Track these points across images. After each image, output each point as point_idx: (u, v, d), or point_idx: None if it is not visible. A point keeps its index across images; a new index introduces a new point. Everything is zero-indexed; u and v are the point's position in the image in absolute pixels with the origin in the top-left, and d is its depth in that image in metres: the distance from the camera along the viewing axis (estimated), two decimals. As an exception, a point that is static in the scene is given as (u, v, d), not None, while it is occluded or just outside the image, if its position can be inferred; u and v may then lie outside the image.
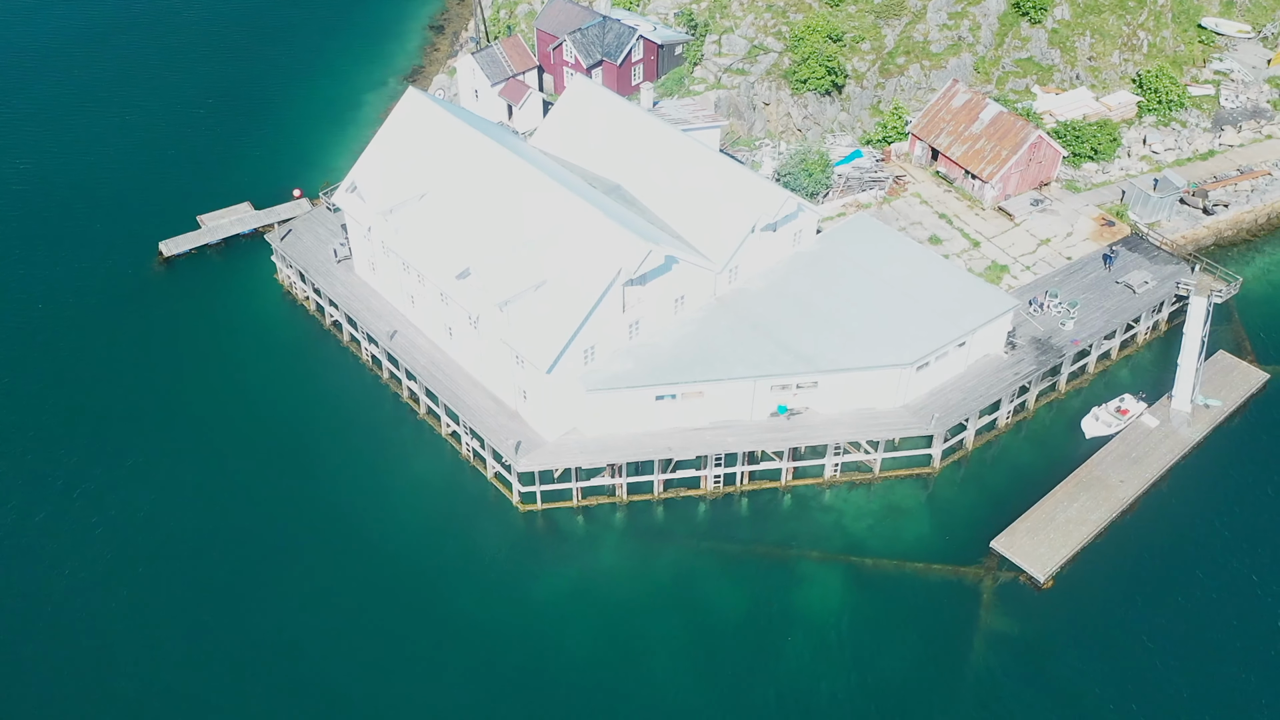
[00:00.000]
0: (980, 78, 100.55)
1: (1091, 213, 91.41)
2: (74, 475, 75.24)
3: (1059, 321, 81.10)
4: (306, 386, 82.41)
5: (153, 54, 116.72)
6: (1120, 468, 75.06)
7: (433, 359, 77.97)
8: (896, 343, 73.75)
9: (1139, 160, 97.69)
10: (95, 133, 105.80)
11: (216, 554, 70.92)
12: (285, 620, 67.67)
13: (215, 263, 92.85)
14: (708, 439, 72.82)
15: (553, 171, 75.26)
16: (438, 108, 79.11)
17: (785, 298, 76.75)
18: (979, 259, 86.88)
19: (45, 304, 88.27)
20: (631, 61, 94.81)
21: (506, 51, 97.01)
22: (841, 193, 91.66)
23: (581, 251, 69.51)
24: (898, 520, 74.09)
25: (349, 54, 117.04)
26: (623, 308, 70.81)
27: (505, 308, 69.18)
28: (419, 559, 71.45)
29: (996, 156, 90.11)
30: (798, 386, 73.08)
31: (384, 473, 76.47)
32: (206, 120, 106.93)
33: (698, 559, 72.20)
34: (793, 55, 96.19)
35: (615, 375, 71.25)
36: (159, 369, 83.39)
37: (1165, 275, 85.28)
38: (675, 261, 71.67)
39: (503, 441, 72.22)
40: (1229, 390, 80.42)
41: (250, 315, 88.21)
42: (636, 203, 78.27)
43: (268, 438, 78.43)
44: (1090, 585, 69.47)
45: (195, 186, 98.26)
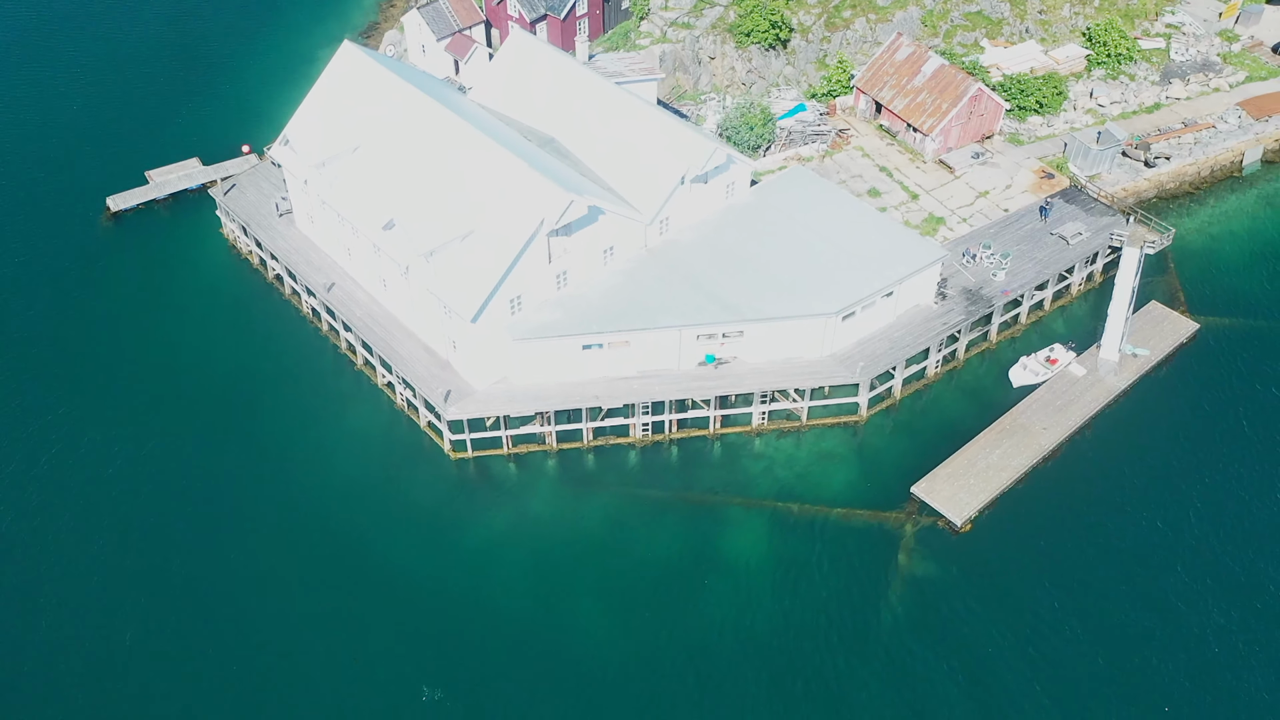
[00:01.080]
0: (928, 31, 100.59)
1: (1032, 165, 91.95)
2: (15, 424, 76.50)
3: (990, 272, 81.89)
4: (249, 339, 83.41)
5: (103, 9, 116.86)
6: (1044, 415, 76.14)
7: (369, 310, 78.99)
8: (823, 293, 74.64)
9: (1084, 114, 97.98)
10: (43, 88, 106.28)
11: (157, 503, 72.21)
12: (222, 567, 69.07)
13: (162, 218, 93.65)
14: (635, 388, 73.94)
15: (482, 124, 75.87)
16: (372, 62, 79.62)
17: (715, 249, 77.55)
18: (916, 211, 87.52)
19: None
20: (576, 15, 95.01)
21: (453, 6, 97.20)
22: (784, 146, 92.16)
23: (506, 202, 70.31)
24: (824, 467, 75.30)
25: (305, 10, 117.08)
26: (549, 258, 71.68)
27: (431, 258, 70.08)
28: (354, 506, 72.71)
29: (937, 109, 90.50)
30: (724, 336, 74.07)
31: (322, 422, 77.68)
32: (157, 76, 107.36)
33: (627, 505, 73.46)
34: (738, 9, 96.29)
35: (542, 325, 72.26)
36: (104, 322, 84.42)
37: (1100, 227, 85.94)
38: (601, 212, 72.45)
39: (433, 391, 73.38)
40: (1158, 340, 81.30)
41: (195, 269, 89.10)
42: (570, 155, 78.89)
43: (210, 390, 79.57)
44: (1006, 529, 70.78)
45: (144, 143, 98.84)
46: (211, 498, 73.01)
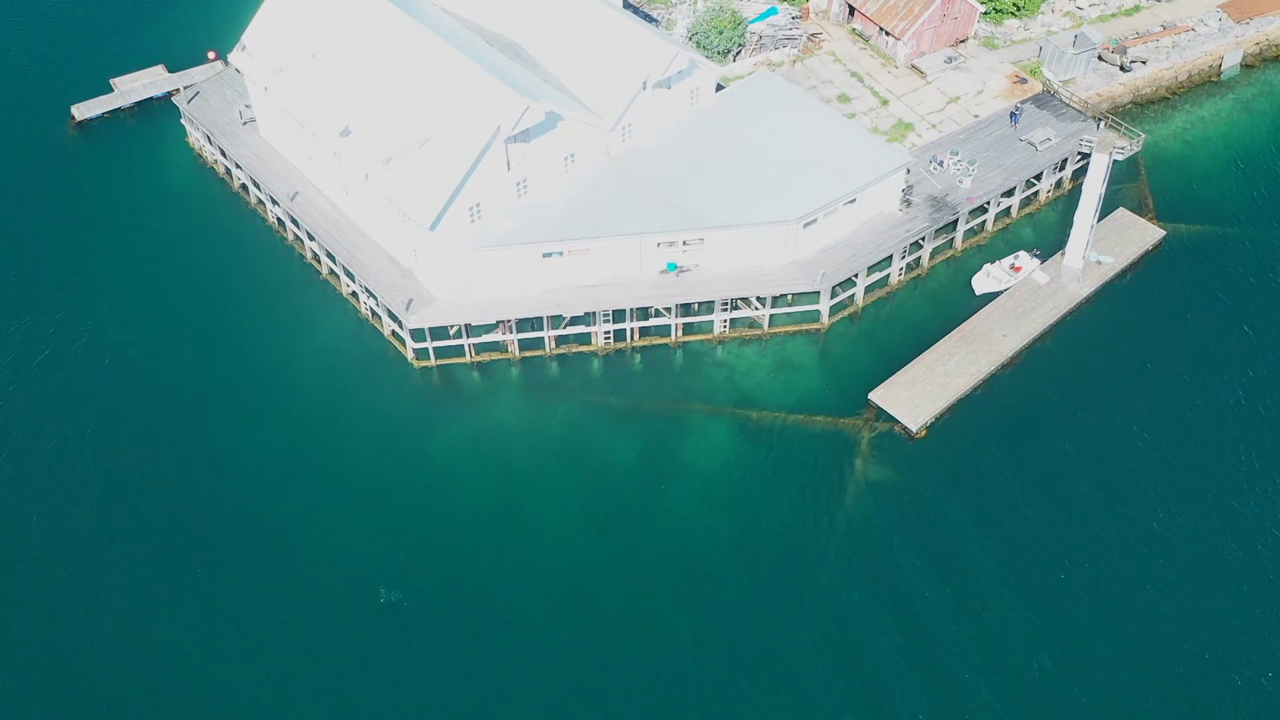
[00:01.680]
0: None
1: (1006, 70, 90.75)
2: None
3: (957, 179, 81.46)
4: (215, 248, 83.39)
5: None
6: (1005, 322, 76.47)
7: (332, 219, 78.87)
8: (784, 200, 74.37)
9: (1062, 17, 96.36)
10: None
11: (128, 414, 72.85)
12: (186, 469, 70.20)
13: (128, 126, 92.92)
14: (596, 296, 74.19)
15: (442, 29, 74.81)
16: (330, -36, 78.18)
17: (678, 156, 77.09)
18: (886, 117, 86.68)
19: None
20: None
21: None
22: (754, 51, 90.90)
23: (463, 108, 69.74)
24: (786, 375, 75.91)
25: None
26: (507, 166, 71.34)
27: (389, 165, 69.79)
28: (318, 413, 73.50)
29: (909, 13, 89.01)
30: (684, 244, 74.07)
31: (288, 331, 78.14)
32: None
33: (590, 413, 74.27)
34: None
35: (502, 233, 72.24)
36: (69, 232, 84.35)
37: (1070, 133, 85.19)
38: (560, 119, 71.85)
39: (395, 299, 73.67)
40: (1124, 246, 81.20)
41: (162, 178, 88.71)
42: (533, 61, 77.94)
43: (175, 298, 79.86)
44: (961, 435, 71.66)
45: (109, 50, 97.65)
46: (177, 403, 73.85)
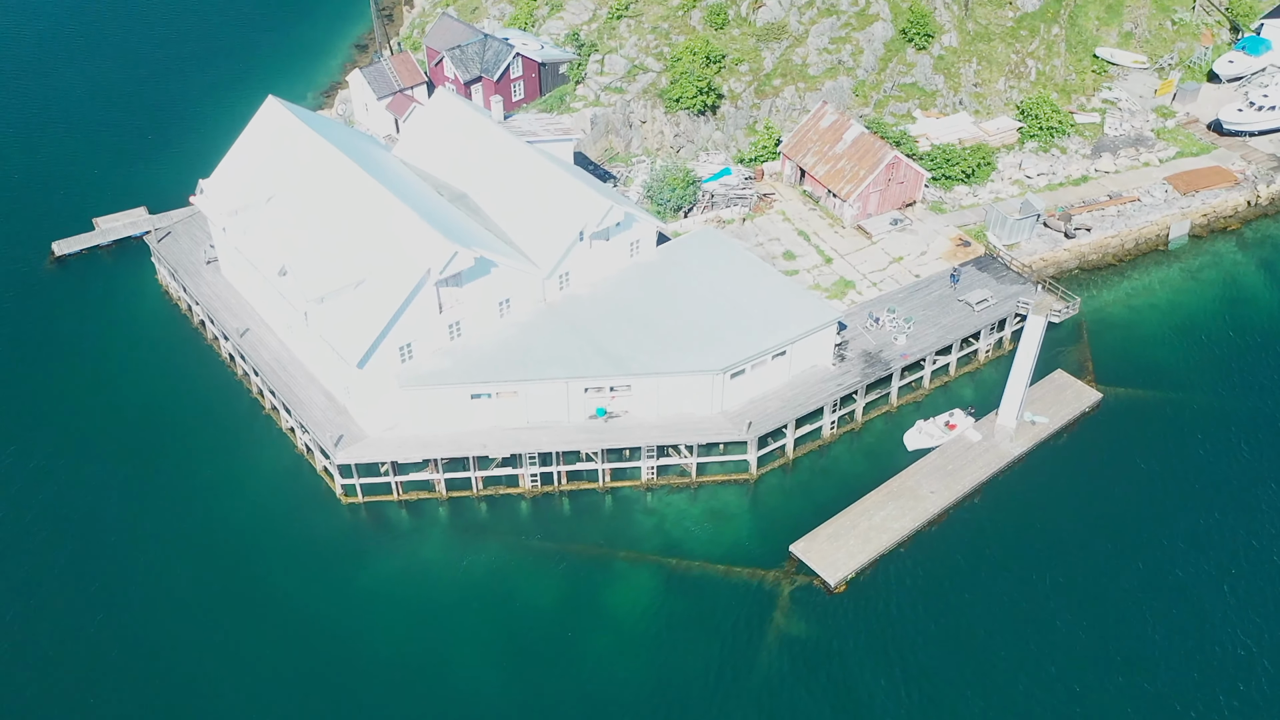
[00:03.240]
0: (859, 101, 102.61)
1: (951, 233, 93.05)
2: None
3: (892, 336, 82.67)
4: (170, 380, 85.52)
5: (65, 59, 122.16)
6: (934, 479, 76.28)
7: (277, 355, 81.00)
8: (712, 350, 75.71)
9: (1011, 184, 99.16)
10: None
11: (63, 529, 73.87)
12: (119, 591, 70.67)
13: (105, 263, 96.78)
14: (524, 438, 75.07)
15: (387, 177, 78.33)
16: (292, 116, 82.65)
17: (613, 305, 79.06)
18: (828, 274, 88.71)
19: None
20: (510, 78, 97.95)
21: (396, 67, 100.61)
22: (706, 208, 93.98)
23: (397, 251, 72.38)
24: (713, 524, 75.67)
25: (273, 70, 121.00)
26: (439, 308, 73.47)
27: (322, 303, 72.11)
28: (248, 545, 73.91)
29: (855, 175, 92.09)
30: (611, 389, 75.24)
31: (228, 463, 79.27)
32: (115, 126, 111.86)
33: (515, 555, 74.07)
34: (669, 75, 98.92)
35: (431, 373, 73.83)
36: (38, 359, 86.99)
37: (1009, 294, 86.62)
38: (493, 265, 74.31)
39: (326, 435, 74.92)
40: (1059, 408, 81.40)
41: (128, 313, 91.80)
42: (479, 211, 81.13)
43: (126, 430, 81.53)
44: (881, 591, 70.67)
45: (96, 190, 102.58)
46: (117, 527, 74.74)
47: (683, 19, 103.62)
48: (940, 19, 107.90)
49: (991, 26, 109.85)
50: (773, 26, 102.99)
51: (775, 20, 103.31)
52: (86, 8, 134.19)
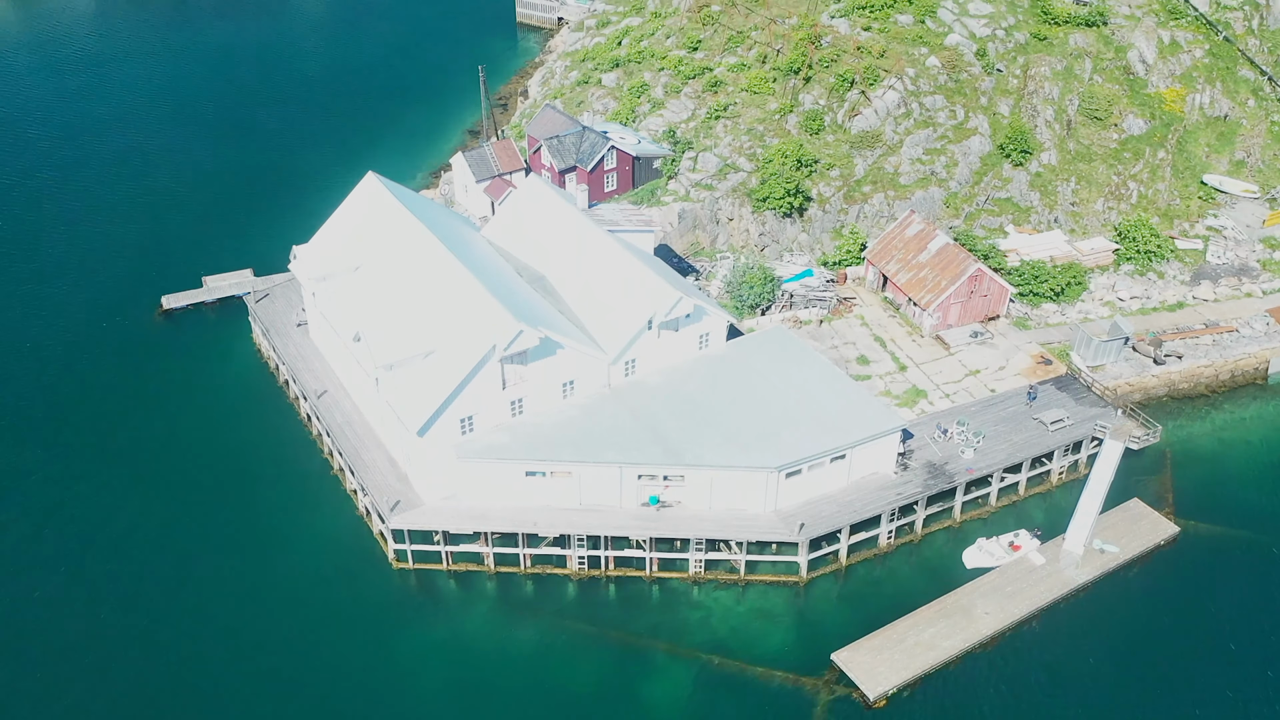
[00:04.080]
0: (950, 212, 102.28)
1: (1033, 350, 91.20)
2: (48, 486, 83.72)
3: (960, 449, 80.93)
4: (248, 434, 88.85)
5: (200, 132, 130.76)
6: (990, 600, 73.71)
7: (349, 418, 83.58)
8: (770, 447, 75.27)
9: (1102, 305, 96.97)
10: (129, 193, 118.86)
11: (139, 585, 76.54)
12: (174, 631, 73.32)
13: (208, 319, 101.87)
14: (574, 520, 75.45)
15: (468, 255, 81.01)
16: (387, 192, 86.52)
17: (676, 395, 79.50)
18: (901, 382, 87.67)
19: (59, 335, 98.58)
20: (604, 169, 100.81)
21: (496, 152, 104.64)
22: (784, 307, 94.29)
23: (466, 326, 74.48)
24: (756, 624, 74.42)
25: (391, 149, 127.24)
26: (503, 384, 75.05)
27: (391, 371, 74.43)
28: (297, 600, 75.72)
29: (937, 285, 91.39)
30: (665, 478, 75.28)
31: (290, 518, 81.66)
32: (239, 191, 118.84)
33: (557, 637, 73.99)
34: (759, 175, 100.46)
35: (489, 446, 75.13)
36: (133, 403, 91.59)
37: (1087, 416, 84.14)
38: (559, 346, 75.74)
39: (383, 499, 76.63)
40: (1132, 538, 78.16)
41: (222, 367, 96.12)
42: (555, 293, 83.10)
43: (202, 475, 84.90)
44: (921, 711, 68.14)
45: (209, 250, 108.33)
46: (177, 565, 77.79)
47: (779, 122, 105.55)
48: (1040, 137, 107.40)
49: (1094, 147, 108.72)
50: (867, 135, 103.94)
51: (871, 129, 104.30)
52: (222, 88, 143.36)
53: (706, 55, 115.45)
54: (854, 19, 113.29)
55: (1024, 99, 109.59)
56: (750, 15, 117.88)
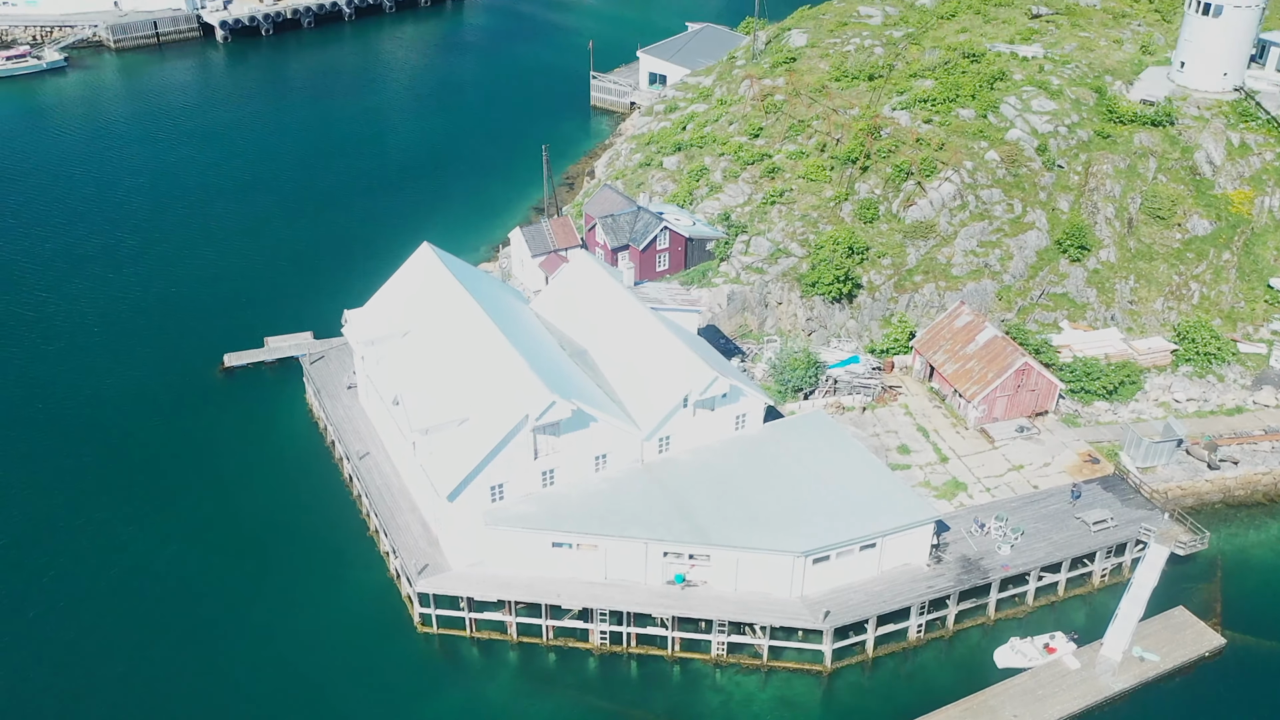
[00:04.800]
0: (1002, 305, 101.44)
1: (1081, 448, 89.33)
2: (104, 529, 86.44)
3: (997, 544, 79.22)
4: (292, 491, 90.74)
5: (279, 198, 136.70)
6: (1019, 703, 71.39)
7: (388, 481, 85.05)
8: (798, 532, 74.62)
9: (1156, 406, 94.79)
10: (205, 256, 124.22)
11: (170, 631, 78.16)
12: (200, 681, 74.30)
13: (266, 377, 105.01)
14: (597, 593, 75.33)
15: (511, 325, 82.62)
16: (438, 261, 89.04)
17: (708, 474, 79.45)
18: (941, 473, 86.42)
19: (128, 384, 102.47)
20: (656, 249, 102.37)
21: (553, 229, 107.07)
22: (827, 393, 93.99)
23: (502, 394, 75.72)
24: (777, 713, 73.01)
25: (458, 221, 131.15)
26: (535, 453, 75.85)
27: (426, 435, 75.82)
28: (321, 657, 76.34)
29: (983, 377, 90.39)
30: (691, 557, 74.93)
31: (323, 576, 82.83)
32: (307, 257, 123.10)
33: (575, 713, 73.38)
34: (810, 260, 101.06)
35: (517, 515, 75.72)
36: (187, 454, 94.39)
37: (1133, 518, 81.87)
38: (592, 420, 76.46)
39: (412, 561, 77.49)
40: (1174, 648, 75.29)
41: (274, 425, 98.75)
42: (595, 367, 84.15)
43: (243, 528, 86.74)
44: (939, 813, 65.94)
45: (273, 311, 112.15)
46: (209, 611, 79.14)
47: (833, 210, 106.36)
48: (1100, 233, 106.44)
49: (1155, 246, 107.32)
50: (921, 225, 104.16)
51: (925, 219, 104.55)
52: (302, 159, 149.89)
53: (767, 142, 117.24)
54: (915, 111, 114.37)
55: (1084, 195, 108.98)
56: (813, 105, 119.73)
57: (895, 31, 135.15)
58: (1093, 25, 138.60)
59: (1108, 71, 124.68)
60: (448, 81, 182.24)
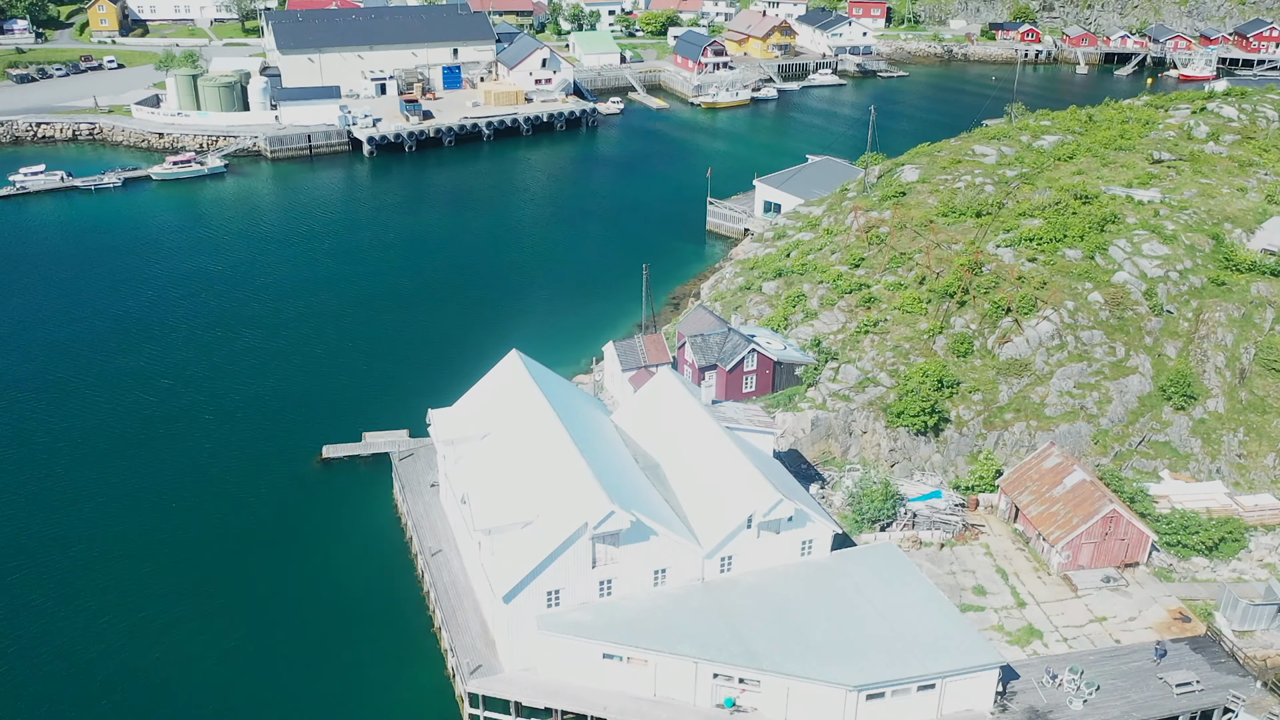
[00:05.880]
0: (1098, 449, 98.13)
1: (1171, 604, 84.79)
2: (190, 606, 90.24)
3: (1068, 699, 75.27)
4: (366, 584, 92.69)
5: (394, 300, 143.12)
6: None
7: (455, 579, 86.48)
8: (855, 664, 72.58)
9: (1260, 566, 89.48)
10: (316, 349, 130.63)
11: (231, 708, 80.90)
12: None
13: (360, 471, 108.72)
14: (645, 709, 74.37)
15: (585, 434, 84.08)
16: (523, 368, 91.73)
17: (767, 598, 78.31)
18: (1016, 619, 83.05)
19: (228, 469, 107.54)
20: (744, 370, 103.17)
21: (646, 345, 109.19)
22: (905, 526, 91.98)
23: (565, 501, 76.80)
24: None
25: (563, 333, 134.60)
26: (592, 562, 76.30)
27: (489, 535, 77.23)
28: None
29: (1068, 522, 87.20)
30: (741, 681, 73.47)
31: (383, 669, 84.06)
32: (410, 359, 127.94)
33: (614, 833, 72.18)
34: (897, 391, 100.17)
35: (570, 623, 75.84)
36: (278, 539, 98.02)
37: (1221, 684, 76.84)
38: (652, 533, 76.67)
39: (465, 661, 78.14)
40: (1260, 830, 69.67)
41: (361, 517, 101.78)
42: (664, 482, 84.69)
43: (313, 615, 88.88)
44: None
45: (374, 408, 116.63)
46: (265, 697, 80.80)
47: (926, 342, 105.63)
48: (1208, 382, 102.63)
49: (1269, 399, 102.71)
50: (1016, 362, 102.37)
51: (1020, 357, 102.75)
52: (415, 265, 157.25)
53: (867, 272, 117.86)
54: (1020, 249, 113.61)
55: (1193, 343, 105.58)
56: (917, 239, 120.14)
57: (1009, 171, 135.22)
58: (1216, 172, 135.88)
59: (1228, 219, 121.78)
60: (572, 200, 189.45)
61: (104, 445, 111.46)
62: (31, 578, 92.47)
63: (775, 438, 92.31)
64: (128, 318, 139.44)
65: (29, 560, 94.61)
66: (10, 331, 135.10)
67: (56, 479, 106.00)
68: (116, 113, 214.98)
